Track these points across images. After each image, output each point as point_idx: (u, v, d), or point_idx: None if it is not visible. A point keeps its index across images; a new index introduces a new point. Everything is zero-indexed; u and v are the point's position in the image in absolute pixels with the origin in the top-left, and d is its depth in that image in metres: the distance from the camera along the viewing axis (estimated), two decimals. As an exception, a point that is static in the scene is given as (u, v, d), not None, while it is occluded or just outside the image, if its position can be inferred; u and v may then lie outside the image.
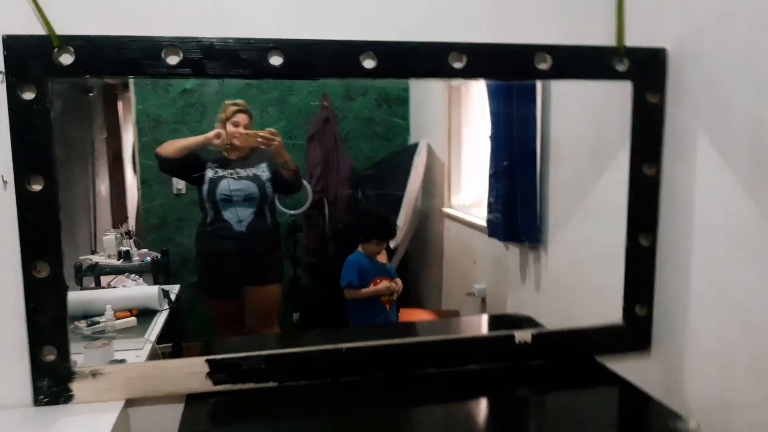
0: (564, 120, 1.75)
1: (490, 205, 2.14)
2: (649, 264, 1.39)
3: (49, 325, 1.09)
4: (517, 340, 1.38)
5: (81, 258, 2.36)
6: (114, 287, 2.03)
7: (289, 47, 1.11)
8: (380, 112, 3.46)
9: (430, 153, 3.10)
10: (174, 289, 2.03)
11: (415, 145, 3.09)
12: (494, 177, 2.05)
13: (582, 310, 1.69)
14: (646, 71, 1.30)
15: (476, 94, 2.81)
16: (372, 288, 2.33)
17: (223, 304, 2.40)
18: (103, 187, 3.49)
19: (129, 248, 2.36)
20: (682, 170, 1.30)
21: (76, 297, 1.71)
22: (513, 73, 1.27)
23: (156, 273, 2.32)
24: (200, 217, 2.36)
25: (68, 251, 1.05)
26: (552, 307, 1.87)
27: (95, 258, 2.30)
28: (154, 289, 1.81)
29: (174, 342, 2.23)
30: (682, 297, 1.34)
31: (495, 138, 2.04)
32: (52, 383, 1.11)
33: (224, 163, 2.28)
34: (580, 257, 1.72)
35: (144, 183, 3.14)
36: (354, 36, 1.14)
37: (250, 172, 2.28)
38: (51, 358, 1.10)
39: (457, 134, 2.87)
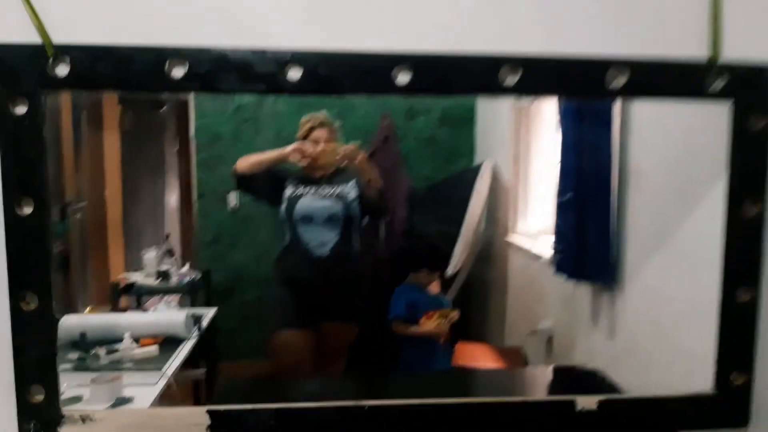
0: (647, 147, 1.51)
1: (556, 237, 1.90)
2: (749, 323, 1.13)
3: (36, 362, 0.98)
4: (579, 408, 1.15)
5: (120, 276, 2.33)
6: (144, 310, 1.95)
7: (310, 59, 0.96)
8: (443, 132, 3.29)
9: (495, 175, 2.89)
10: (209, 314, 1.93)
11: (478, 167, 2.89)
12: (561, 207, 1.82)
13: (662, 370, 1.43)
14: (748, 91, 1.06)
15: (547, 112, 2.58)
16: (421, 328, 2.13)
17: (291, 335, 2.17)
18: (173, 199, 3.52)
19: (169, 267, 2.31)
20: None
21: (98, 321, 1.64)
22: (579, 90, 1.06)
23: (194, 295, 2.25)
24: (274, 240, 2.21)
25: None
26: (626, 360, 1.62)
27: (134, 276, 2.26)
28: (181, 315, 1.71)
29: (209, 366, 2.13)
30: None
31: (564, 163, 1.81)
32: (38, 426, 1.00)
33: (306, 181, 2.11)
34: (662, 306, 1.46)
35: (200, 197, 3.12)
36: (385, 47, 0.98)
37: (335, 190, 2.12)
38: (39, 398, 1.00)
39: (525, 156, 2.64)
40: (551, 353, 2.21)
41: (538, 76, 1.01)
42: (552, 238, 2.44)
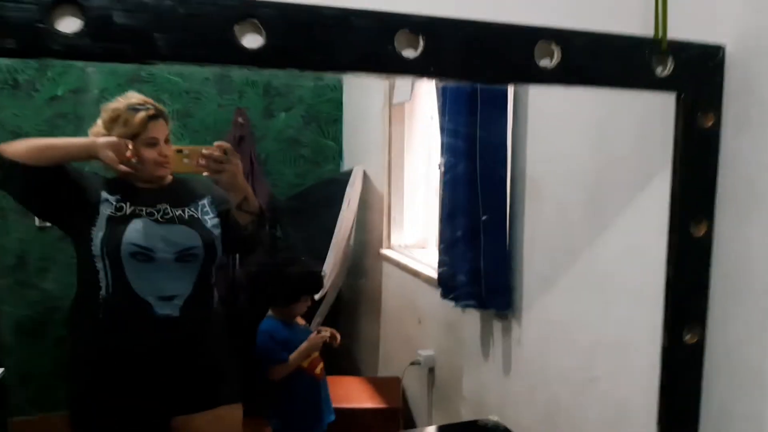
0: (548, 149, 1.28)
1: (441, 256, 1.63)
2: (695, 369, 0.91)
3: None
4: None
5: None
6: None
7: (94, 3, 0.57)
8: (308, 132, 2.93)
9: (366, 182, 2.59)
10: None
11: (348, 173, 2.57)
12: (448, 220, 1.55)
13: (572, 413, 1.21)
14: (697, 78, 0.84)
15: (423, 112, 2.34)
16: (299, 354, 1.74)
17: None
18: None
19: None
20: (748, 231, 0.84)
21: None
22: (496, 72, 0.77)
23: None
24: (80, 287, 1.36)
25: None
26: (528, 401, 1.39)
27: None
28: None
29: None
30: (743, 411, 0.87)
31: (448, 168, 1.54)
32: None
33: (132, 195, 1.35)
34: (569, 339, 1.24)
35: (-4, 213, 2.46)
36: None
37: (186, 212, 1.38)
38: None
39: (399, 160, 2.37)
40: (434, 386, 1.96)
41: (446, 46, 0.71)
42: (433, 253, 2.20)
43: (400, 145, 2.36)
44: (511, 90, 1.33)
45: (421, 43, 0.72)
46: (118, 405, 1.31)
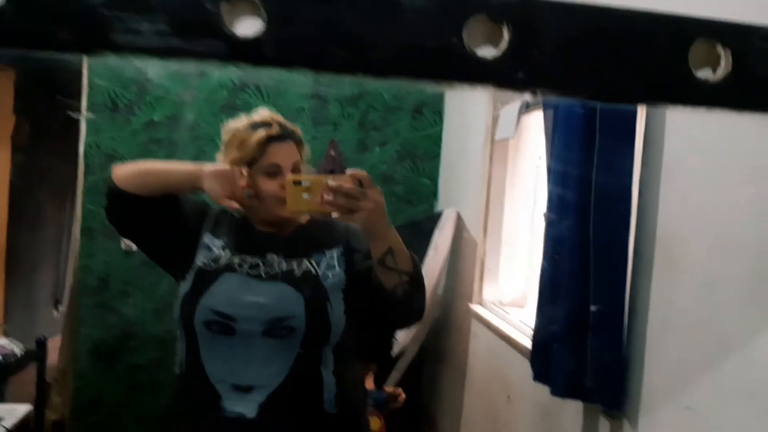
0: (692, 198, 0.96)
1: (537, 331, 1.33)
2: None
3: None
4: None
5: None
6: None
7: None
8: (402, 169, 2.72)
9: (459, 226, 2.31)
10: (14, 413, 1.18)
11: (439, 214, 2.31)
12: (547, 288, 1.25)
13: None
14: None
15: (530, 151, 2.06)
16: None
17: None
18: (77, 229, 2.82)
19: None
20: None
21: None
22: (634, 90, 0.50)
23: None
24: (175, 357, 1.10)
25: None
26: None
27: None
28: None
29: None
30: None
31: (552, 224, 1.25)
32: None
33: (243, 240, 1.08)
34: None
35: (85, 233, 2.47)
36: None
37: (301, 265, 1.06)
38: None
39: (498, 204, 2.08)
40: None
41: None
42: (530, 310, 1.88)
43: (500, 186, 2.08)
44: (641, 116, 1.03)
45: (506, 36, 0.46)
46: None
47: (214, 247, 1.06)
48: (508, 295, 2.09)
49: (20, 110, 2.93)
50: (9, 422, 1.28)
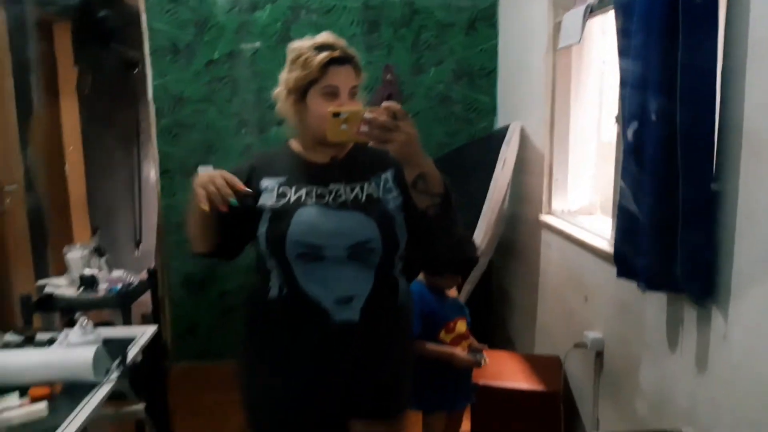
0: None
1: (620, 227, 1.36)
2: None
3: None
4: None
5: (38, 284, 1.79)
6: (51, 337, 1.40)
7: None
8: (459, 88, 2.70)
9: (525, 140, 2.31)
10: (145, 334, 1.34)
11: (504, 130, 2.31)
12: (630, 183, 1.27)
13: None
14: None
15: (594, 55, 2.01)
16: (446, 350, 1.59)
17: None
18: (153, 173, 2.99)
19: (96, 271, 1.74)
20: None
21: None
22: None
23: (126, 309, 1.68)
24: (256, 280, 1.21)
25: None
26: (731, 411, 1.10)
27: (55, 284, 1.70)
28: (86, 352, 1.18)
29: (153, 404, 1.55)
30: None
31: (630, 118, 1.25)
32: None
33: (301, 173, 1.17)
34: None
35: (163, 174, 2.61)
36: None
37: (363, 190, 1.16)
38: None
39: (564, 114, 2.07)
40: (602, 373, 1.70)
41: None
42: (603, 221, 1.90)
43: (565, 96, 2.06)
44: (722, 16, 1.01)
45: None
46: (294, 401, 1.19)
47: (276, 186, 1.15)
48: (577, 204, 2.12)
49: (80, 61, 3.03)
50: (142, 341, 1.44)
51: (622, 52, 1.30)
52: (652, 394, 1.42)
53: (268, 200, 1.14)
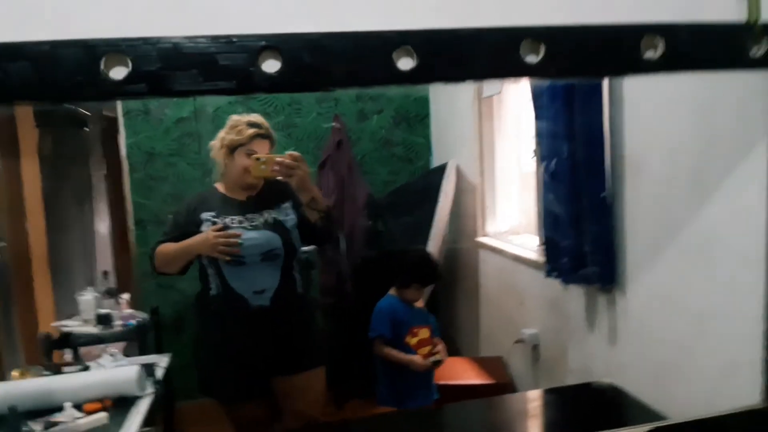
0: (647, 129, 1.38)
1: (545, 239, 1.76)
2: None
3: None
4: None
5: (54, 324, 1.98)
6: (85, 367, 1.63)
7: (290, 45, 0.76)
8: (399, 131, 3.12)
9: (459, 175, 2.74)
10: (162, 361, 1.62)
11: (443, 167, 2.73)
12: (549, 203, 1.68)
13: (681, 373, 1.31)
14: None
15: (510, 104, 2.46)
16: (404, 356, 1.92)
17: (242, 409, 1.68)
18: (103, 226, 3.15)
19: (110, 310, 1.97)
20: None
21: (30, 388, 1.34)
22: (608, 67, 0.90)
23: (143, 340, 1.92)
24: (200, 286, 1.66)
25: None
26: (635, 366, 1.50)
27: (70, 324, 1.91)
28: (132, 370, 1.43)
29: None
30: None
31: (547, 155, 1.67)
32: None
33: (227, 208, 1.62)
34: (679, 303, 1.33)
35: (138, 224, 2.81)
36: (382, 26, 0.78)
37: (269, 216, 1.63)
38: None
39: (490, 151, 2.51)
40: (538, 362, 2.08)
41: (562, 52, 0.84)
42: (528, 239, 2.32)
43: (490, 136, 2.50)
44: (605, 80, 1.45)
45: (542, 49, 0.86)
46: (232, 371, 1.64)
47: (211, 218, 1.61)
48: (506, 226, 2.53)
49: (41, 123, 3.17)
50: (163, 364, 1.67)
51: (537, 115, 1.73)
52: (578, 371, 1.80)
53: (207, 227, 1.60)
